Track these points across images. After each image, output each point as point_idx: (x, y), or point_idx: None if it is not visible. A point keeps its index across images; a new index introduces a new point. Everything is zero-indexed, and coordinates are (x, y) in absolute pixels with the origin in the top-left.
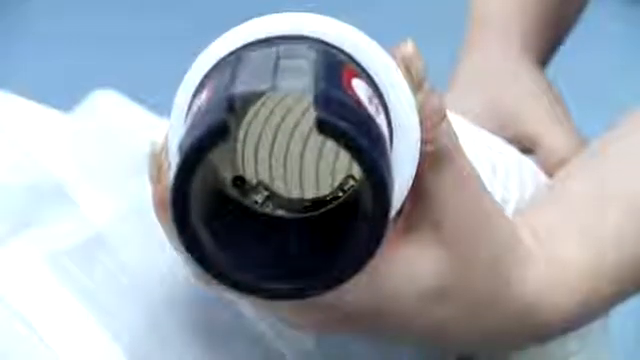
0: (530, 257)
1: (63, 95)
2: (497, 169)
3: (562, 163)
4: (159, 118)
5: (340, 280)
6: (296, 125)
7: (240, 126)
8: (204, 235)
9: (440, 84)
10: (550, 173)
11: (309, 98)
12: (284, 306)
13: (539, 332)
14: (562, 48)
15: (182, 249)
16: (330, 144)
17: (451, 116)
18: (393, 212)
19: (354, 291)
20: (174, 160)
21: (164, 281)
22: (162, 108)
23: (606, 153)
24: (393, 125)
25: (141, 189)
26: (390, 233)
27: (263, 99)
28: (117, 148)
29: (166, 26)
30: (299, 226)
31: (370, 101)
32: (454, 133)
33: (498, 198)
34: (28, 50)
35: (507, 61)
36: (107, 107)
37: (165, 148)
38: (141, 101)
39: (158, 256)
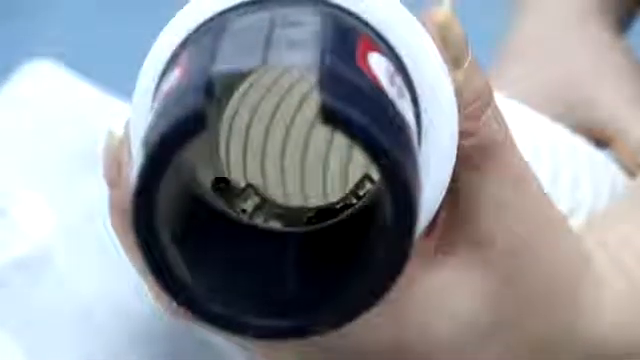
0: (606, 279)
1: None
2: (561, 169)
3: None
4: (116, 99)
5: (352, 314)
6: (295, 113)
7: (223, 115)
8: (175, 255)
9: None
10: (632, 172)
11: (311, 77)
12: (277, 348)
13: None
14: None
15: (146, 272)
16: (340, 137)
17: (499, 99)
18: (422, 225)
19: (369, 329)
20: (137, 157)
21: (123, 310)
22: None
23: None
24: (422, 113)
25: (93, 192)
26: (418, 252)
27: (252, 79)
28: (61, 138)
29: None
30: (299, 243)
31: (392, 82)
32: (503, 122)
33: (563, 207)
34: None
35: (574, 24)
36: (46, 84)
37: (126, 141)
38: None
39: (115, 278)
